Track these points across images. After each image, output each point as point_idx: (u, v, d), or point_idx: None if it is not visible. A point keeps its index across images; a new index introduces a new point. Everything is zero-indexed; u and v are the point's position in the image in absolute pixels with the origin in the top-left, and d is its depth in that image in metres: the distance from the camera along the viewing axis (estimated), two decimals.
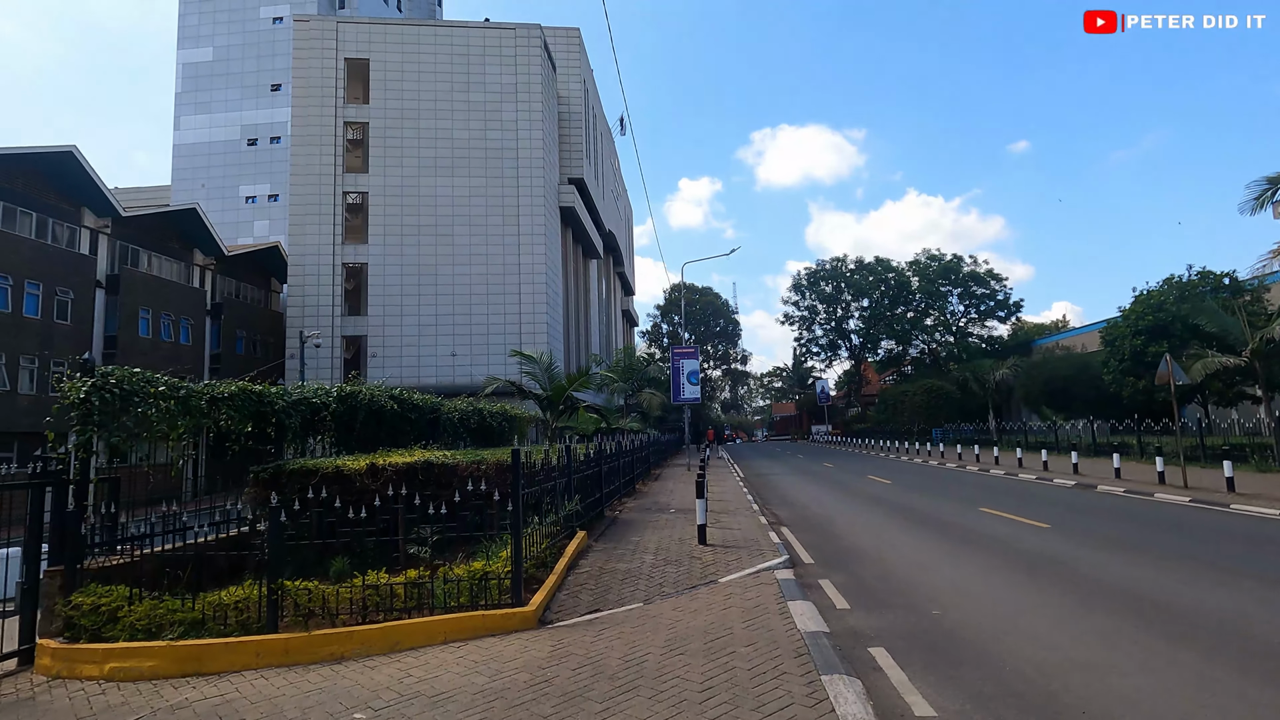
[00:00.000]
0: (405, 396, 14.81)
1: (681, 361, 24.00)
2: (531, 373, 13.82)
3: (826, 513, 12.93)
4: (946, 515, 11.91)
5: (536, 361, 13.87)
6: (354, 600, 6.51)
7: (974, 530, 10.20)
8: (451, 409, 17.80)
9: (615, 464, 13.85)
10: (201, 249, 38.17)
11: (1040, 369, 33.94)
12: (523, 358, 13.98)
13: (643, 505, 14.08)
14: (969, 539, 9.57)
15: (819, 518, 12.28)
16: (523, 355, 14.07)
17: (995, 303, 57.45)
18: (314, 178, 39.44)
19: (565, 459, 9.32)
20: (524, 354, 14.14)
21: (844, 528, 11.06)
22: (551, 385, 13.48)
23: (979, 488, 16.48)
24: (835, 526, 11.22)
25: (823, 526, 11.27)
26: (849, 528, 11.05)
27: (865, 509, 13.36)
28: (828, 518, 12.26)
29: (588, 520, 10.41)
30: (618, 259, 69.44)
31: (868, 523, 11.54)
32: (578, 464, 10.08)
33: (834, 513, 12.93)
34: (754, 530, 10.43)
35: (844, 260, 63.70)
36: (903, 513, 12.51)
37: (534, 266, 40.18)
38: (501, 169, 40.78)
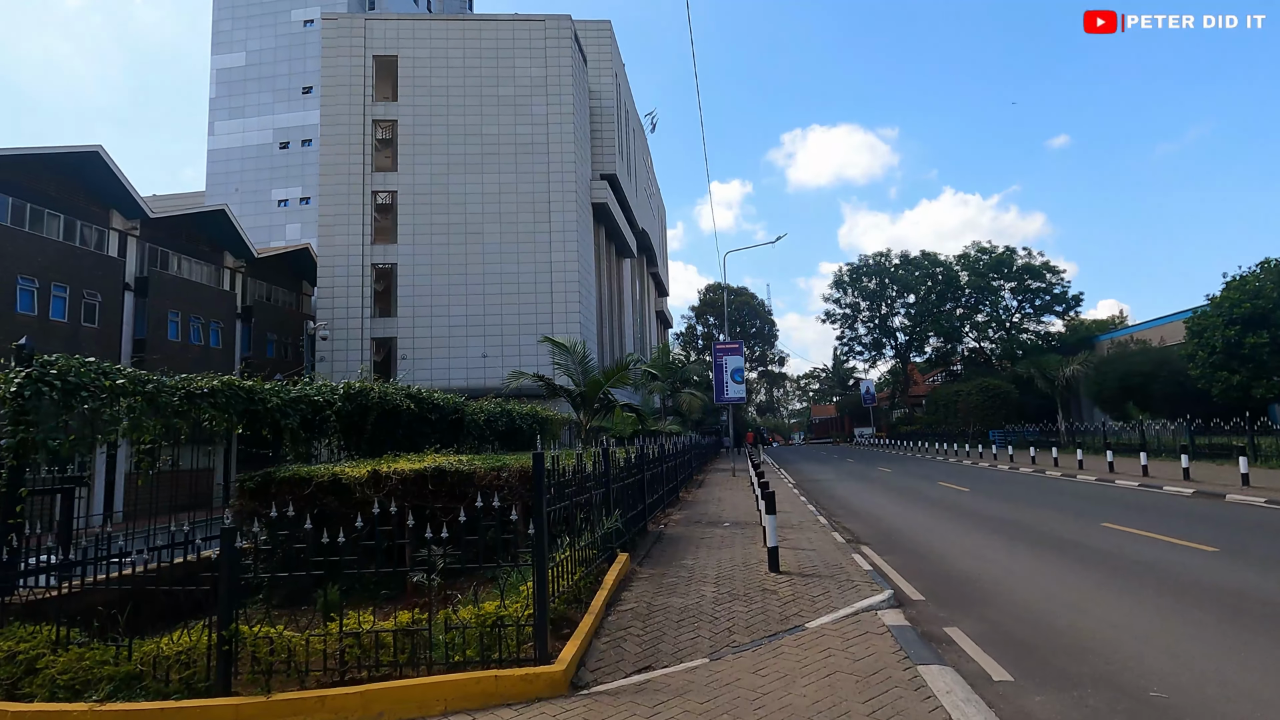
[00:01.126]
0: (424, 395, 13.38)
1: (725, 358, 22.16)
2: (563, 365, 12.24)
3: (908, 527, 11.06)
4: (1061, 531, 9.92)
5: (569, 350, 12.29)
6: (329, 652, 4.95)
7: (1113, 553, 8.20)
8: (476, 410, 16.36)
9: (659, 470, 12.19)
10: (232, 251, 37.72)
11: (1114, 365, 31.21)
12: (554, 346, 12.40)
13: (691, 517, 12.38)
14: (1113, 565, 7.59)
15: (902, 534, 10.43)
16: (554, 343, 12.49)
17: (1051, 297, 54.19)
18: (343, 177, 38.73)
19: (603, 465, 7.70)
20: (555, 341, 12.57)
21: (939, 547, 9.20)
22: (585, 380, 11.89)
23: (1077, 497, 14.33)
24: (927, 545, 9.37)
25: (912, 545, 9.42)
26: (945, 547, 9.18)
27: (952, 522, 11.43)
28: (912, 533, 10.40)
29: (629, 537, 8.78)
30: (651, 259, 67.84)
31: (965, 541, 9.65)
32: (617, 470, 8.46)
33: (917, 527, 11.05)
34: (830, 550, 8.65)
35: (888, 255, 61.05)
36: (1002, 528, 10.55)
37: (566, 264, 38.81)
38: (532, 165, 39.54)
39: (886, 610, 5.81)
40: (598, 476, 7.41)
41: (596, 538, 6.88)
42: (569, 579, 6.04)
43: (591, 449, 10.06)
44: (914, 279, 58.50)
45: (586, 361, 12.44)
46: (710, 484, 20.22)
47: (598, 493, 7.39)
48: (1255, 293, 24.66)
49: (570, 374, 12.26)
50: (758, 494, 11.08)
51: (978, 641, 5.05)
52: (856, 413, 75.23)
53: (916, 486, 17.89)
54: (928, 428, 48.81)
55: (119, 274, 29.10)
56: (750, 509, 13.40)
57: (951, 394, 46.22)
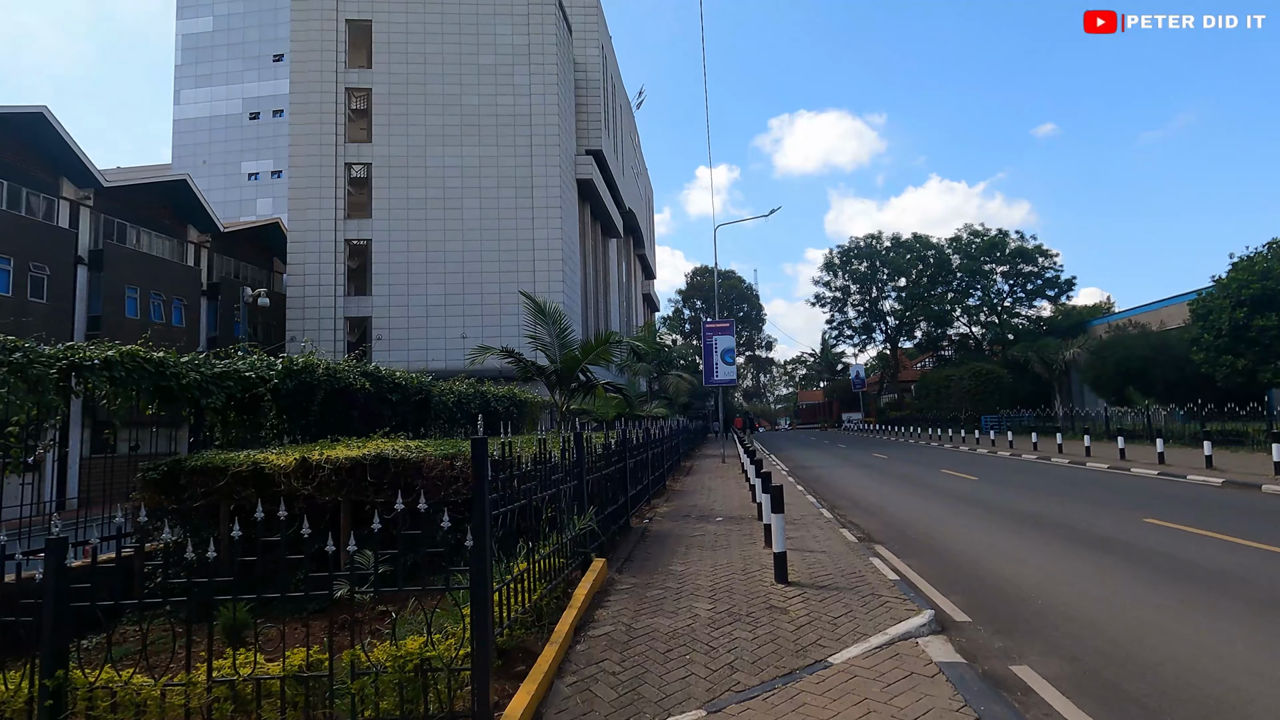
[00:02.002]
0: (383, 374, 12.03)
1: (715, 338, 20.83)
2: (538, 337, 10.84)
3: (922, 522, 9.90)
4: (1100, 528, 8.78)
5: (545, 314, 10.92)
6: (194, 707, 3.67)
7: (1176, 557, 6.99)
8: (445, 391, 15.02)
9: (643, 457, 10.96)
10: (196, 225, 35.83)
11: (1112, 349, 30.31)
12: (531, 309, 10.99)
13: (679, 510, 11.16)
14: (1186, 573, 6.34)
15: (918, 530, 9.26)
16: (531, 301, 11.08)
17: (1043, 281, 53.40)
18: (314, 148, 36.85)
19: (574, 452, 6.43)
20: (532, 299, 11.15)
21: (965, 547, 8.02)
22: (562, 355, 10.52)
23: (1098, 486, 13.22)
24: (951, 545, 8.20)
25: (933, 545, 8.25)
26: (972, 547, 8.01)
27: (970, 516, 10.29)
28: (929, 530, 9.23)
29: (608, 537, 7.55)
30: (638, 240, 66.30)
31: (993, 539, 8.48)
32: (593, 459, 7.20)
33: (932, 522, 9.89)
34: (843, 553, 7.46)
35: (879, 237, 59.90)
36: (1030, 523, 9.41)
37: (549, 242, 37.29)
38: (514, 138, 37.85)
39: (930, 638, 4.61)
40: (567, 467, 6.14)
41: (565, 542, 5.62)
42: (528, 597, 4.77)
43: (559, 433, 8.79)
44: (905, 262, 57.49)
45: (566, 335, 11.10)
46: (699, 471, 19.03)
47: (567, 486, 6.13)
48: (1264, 273, 23.73)
49: (546, 349, 10.88)
50: (755, 484, 9.87)
51: (1064, 689, 3.84)
52: (844, 398, 74.54)
53: (918, 475, 16.79)
54: (918, 413, 48.01)
55: (70, 246, 27.25)
56: (744, 500, 12.22)
57: (943, 379, 45.35)
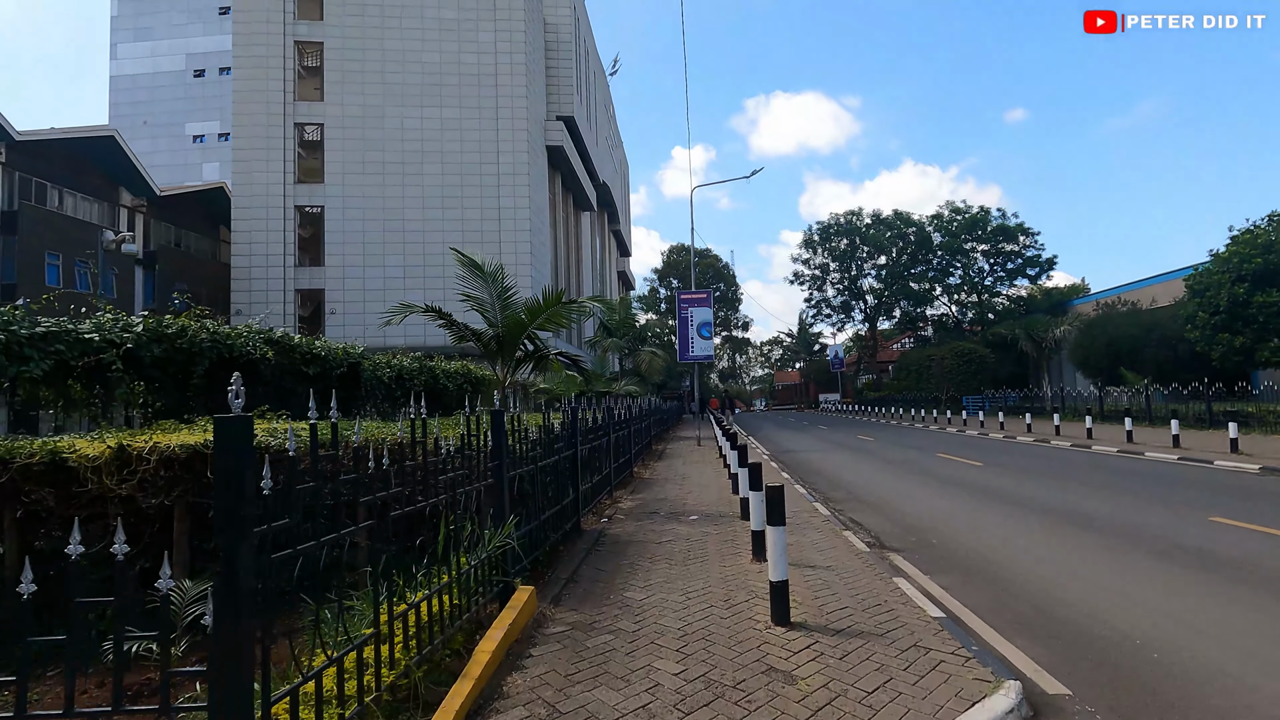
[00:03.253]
0: (295, 341, 10.01)
1: (691, 309, 18.98)
2: (474, 297, 8.88)
3: (943, 521, 8.17)
4: (1164, 529, 7.15)
5: (484, 272, 8.98)
6: None
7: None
8: (381, 364, 13.02)
9: (602, 442, 9.20)
10: (129, 188, 32.98)
11: (1101, 327, 29.19)
12: (464, 261, 8.98)
13: (646, 505, 9.42)
14: None
15: (939, 533, 7.51)
16: (462, 258, 9.04)
17: (1024, 260, 52.51)
18: (261, 106, 34.01)
19: (489, 439, 4.59)
20: (464, 256, 9.10)
21: (1010, 558, 6.26)
22: (504, 318, 8.56)
23: (1127, 475, 11.45)
24: (989, 555, 6.45)
25: (967, 555, 6.50)
26: (1018, 559, 6.23)
27: (995, 512, 8.61)
28: (951, 532, 7.53)
29: (550, 547, 5.80)
30: (613, 215, 64.01)
31: (1038, 546, 6.67)
32: (525, 449, 5.39)
33: (951, 520, 8.18)
34: (856, 568, 5.77)
35: (859, 214, 58.42)
36: (1073, 523, 7.73)
37: (516, 210, 35.04)
38: (478, 99, 35.37)
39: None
40: (471, 459, 4.31)
41: (464, 572, 3.83)
42: (386, 670, 2.97)
43: (476, 415, 6.94)
44: (885, 239, 56.17)
45: (509, 295, 9.16)
46: (672, 456, 17.34)
47: (473, 488, 4.31)
48: (1266, 247, 22.58)
49: (484, 309, 8.92)
50: (738, 474, 8.17)
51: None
52: (821, 378, 73.58)
53: (914, 459, 15.24)
54: (897, 394, 46.95)
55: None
56: (723, 491, 10.55)
57: (923, 358, 44.22)
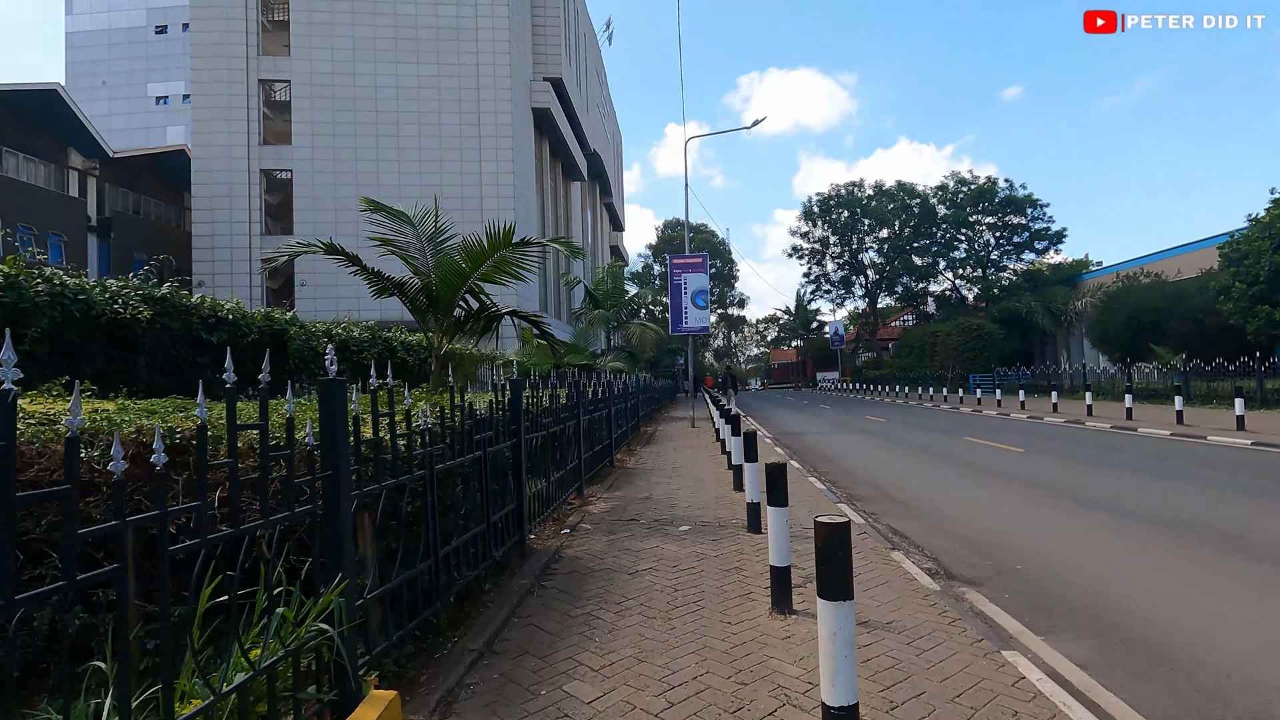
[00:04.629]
0: (188, 302, 8.01)
1: (685, 276, 16.81)
2: (391, 242, 6.77)
3: (1018, 533, 6.16)
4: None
5: (405, 217, 6.92)
6: None
7: None
8: (316, 334, 11.00)
9: (568, 427, 7.28)
10: (80, 149, 30.54)
11: (1123, 300, 27.33)
12: (376, 209, 6.90)
13: (625, 505, 7.53)
14: None
15: (1030, 556, 5.46)
16: (372, 202, 6.97)
17: (1031, 233, 50.53)
18: (222, 60, 31.54)
19: (330, 434, 2.62)
20: (374, 201, 7.01)
21: (1165, 607, 4.03)
22: (437, 269, 6.46)
23: (1210, 465, 9.42)
24: (1125, 600, 4.35)
25: (1095, 601, 4.39)
26: (1185, 613, 4.11)
27: (1089, 522, 6.33)
28: (1045, 554, 5.49)
29: (452, 597, 3.90)
30: (605, 188, 61.50)
31: (1190, 583, 4.58)
32: (422, 444, 3.45)
33: (1038, 536, 6.08)
34: (933, 629, 3.83)
35: (861, 185, 56.18)
36: (1199, 537, 5.74)
37: (499, 176, 32.78)
38: (458, 53, 32.92)
39: None
40: (283, 467, 2.36)
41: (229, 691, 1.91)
42: None
43: (439, 391, 5.00)
44: (888, 212, 54.03)
45: (444, 239, 7.09)
46: (663, 439, 15.45)
47: (284, 521, 2.36)
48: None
49: (407, 255, 6.82)
50: (747, 474, 6.24)
51: None
52: (819, 356, 71.75)
53: (940, 445, 13.34)
54: (900, 372, 45.18)
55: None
56: (721, 485, 8.67)
57: (927, 335, 42.39)
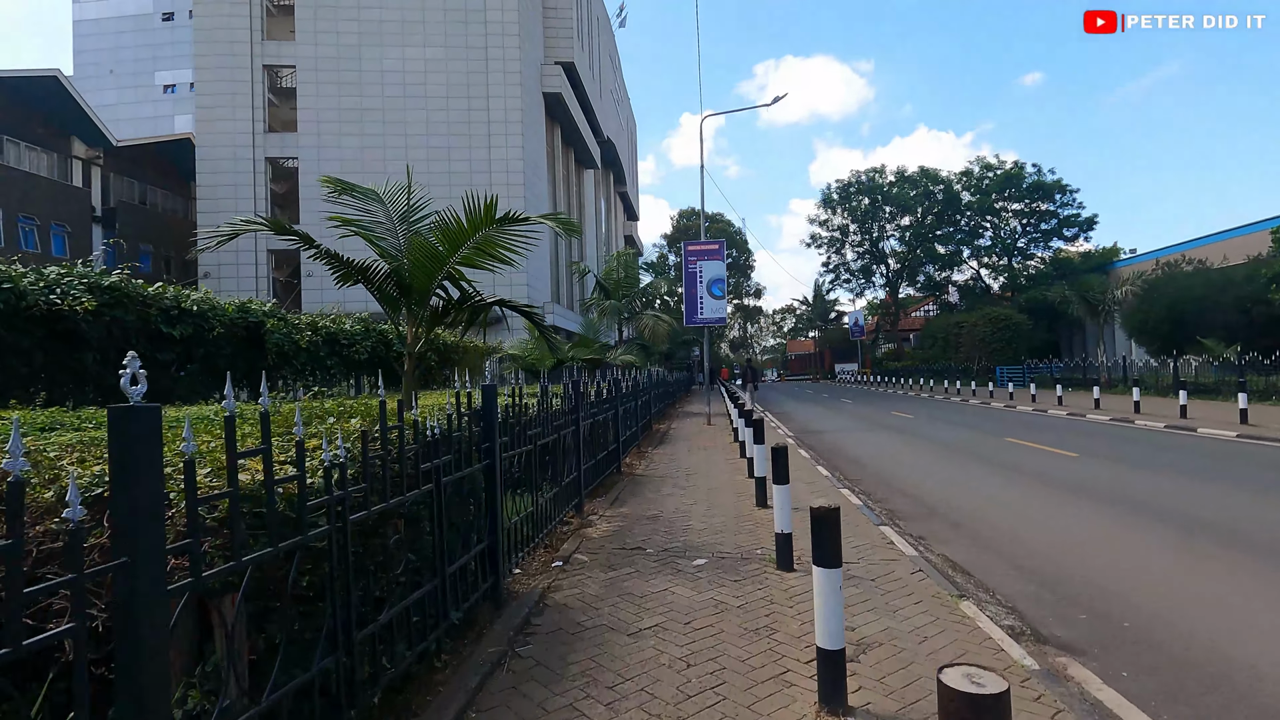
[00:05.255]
0: (147, 292, 7.17)
1: (700, 264, 15.70)
2: (351, 220, 5.81)
3: (1110, 568, 5.04)
4: None
5: (374, 195, 5.98)
6: None
7: None
8: (298, 325, 10.14)
9: (565, 435, 6.35)
10: (83, 138, 30.00)
11: (1163, 288, 25.86)
12: (335, 185, 5.99)
13: (630, 529, 6.56)
14: None
15: (1138, 605, 4.27)
16: (331, 179, 6.06)
17: (1059, 220, 48.72)
18: (225, 45, 30.84)
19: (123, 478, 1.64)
20: (334, 179, 6.11)
21: None
22: (409, 252, 5.45)
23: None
24: (1257, 664, 3.41)
25: (1260, 687, 3.29)
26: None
27: (1198, 555, 5.34)
28: (1160, 601, 4.30)
29: (376, 698, 2.96)
30: (619, 176, 60.34)
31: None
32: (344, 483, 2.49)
33: (1138, 573, 4.90)
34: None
35: (882, 171, 54.55)
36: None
37: (509, 162, 31.85)
38: (466, 37, 31.95)
39: None
40: None
41: None
42: None
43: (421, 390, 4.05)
44: (910, 198, 52.38)
45: (418, 219, 6.15)
46: (676, 439, 14.47)
47: None
48: None
49: (371, 236, 5.83)
50: (780, 497, 5.23)
51: None
52: (838, 347, 70.33)
53: (978, 445, 12.20)
54: (923, 364, 43.79)
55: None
56: (742, 498, 7.69)
57: (951, 326, 40.95)
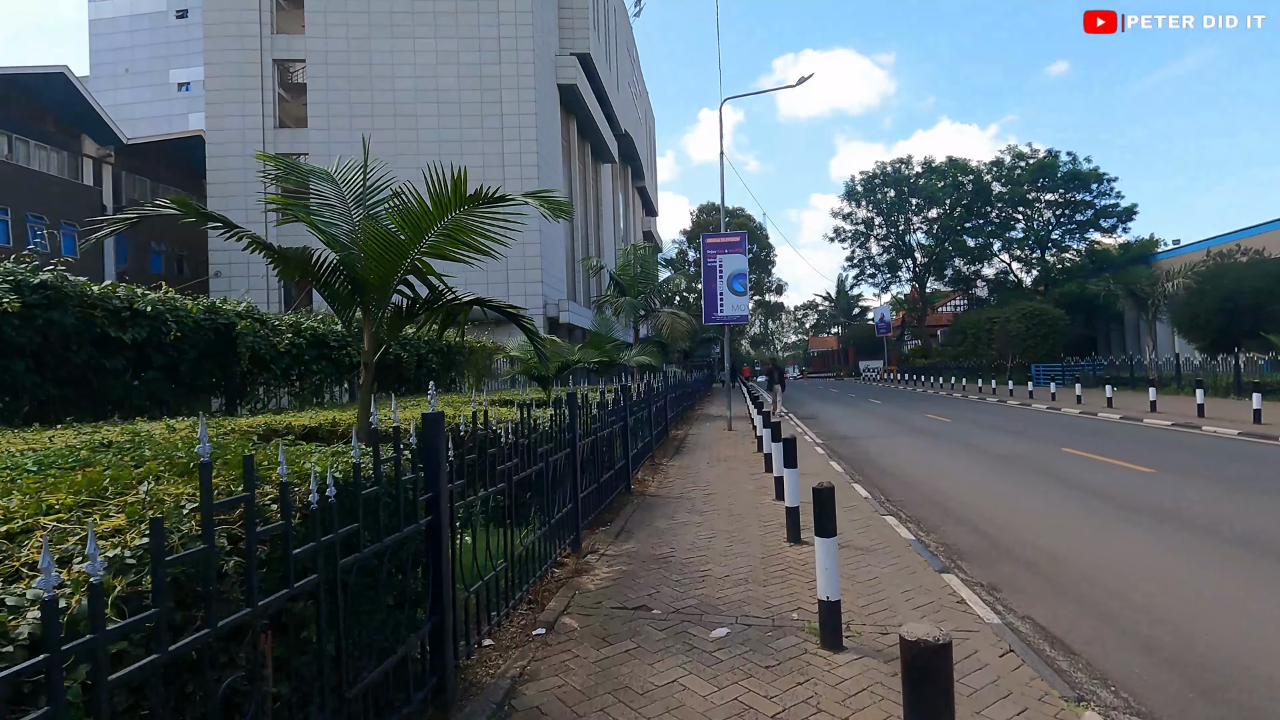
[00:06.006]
0: (87, 291, 6.37)
1: (721, 257, 14.53)
2: (294, 203, 4.90)
3: (1257, 642, 3.79)
4: None
5: (323, 174, 5.09)
6: None
7: None
8: (278, 327, 9.31)
9: (551, 464, 5.35)
10: (93, 136, 29.63)
11: (1218, 279, 24.17)
12: (272, 161, 5.09)
13: (634, 576, 5.48)
14: None
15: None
16: (266, 155, 5.14)
17: (1095, 211, 46.66)
18: (234, 40, 30.30)
19: None
20: (276, 158, 5.20)
21: None
22: (364, 240, 4.48)
23: None
24: None
25: None
26: None
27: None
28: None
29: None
30: (637, 171, 59.23)
31: None
32: None
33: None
34: None
35: (909, 162, 52.81)
36: None
37: (522, 156, 30.94)
38: (478, 28, 31.10)
39: None
40: None
41: None
42: None
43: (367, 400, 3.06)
44: (938, 190, 50.61)
45: (376, 201, 5.21)
46: (694, 448, 13.40)
47: None
48: None
49: (321, 225, 4.87)
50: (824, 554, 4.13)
51: None
52: (862, 344, 68.67)
53: (1030, 457, 10.91)
54: (953, 361, 42.20)
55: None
56: (768, 528, 6.62)
57: (983, 321, 39.29)
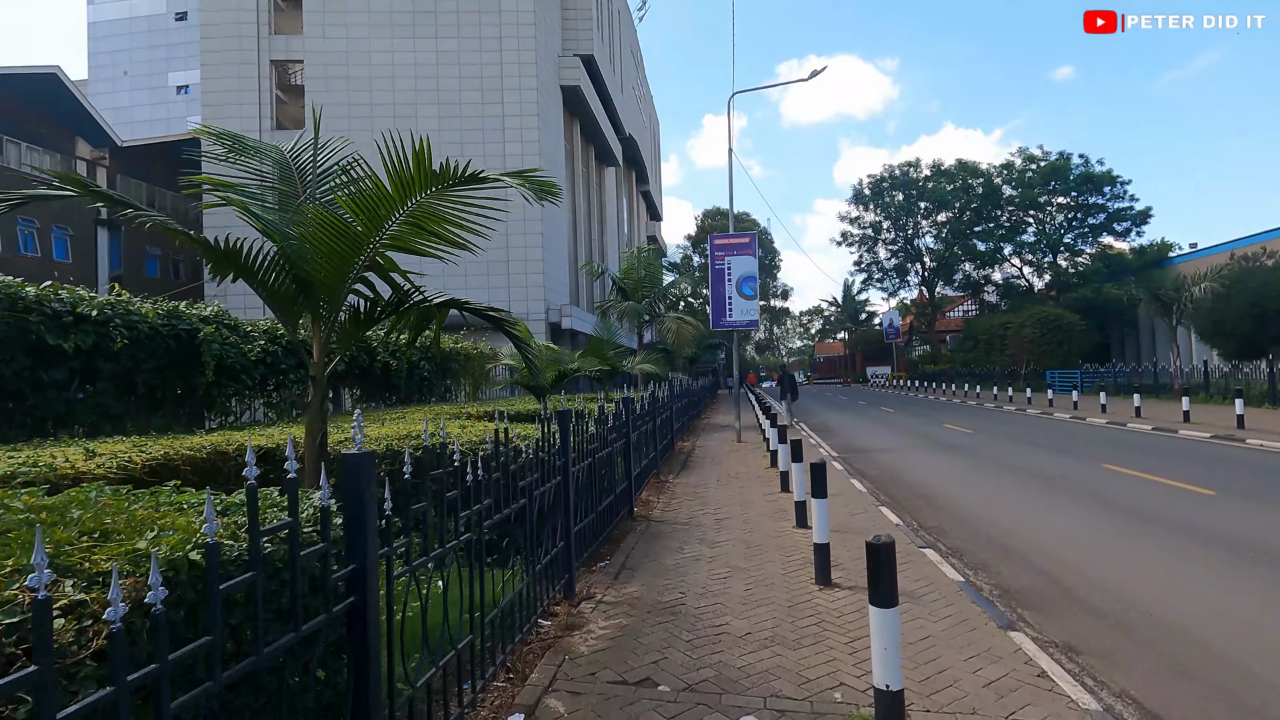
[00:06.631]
0: (16, 289, 5.59)
1: (729, 259, 13.71)
2: (225, 185, 4.16)
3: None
4: None
5: (266, 151, 4.36)
6: None
7: None
8: (250, 334, 8.54)
9: (538, 497, 4.59)
10: (88, 138, 29.14)
11: (1243, 284, 23.29)
12: (212, 135, 4.39)
13: (636, 629, 4.67)
14: None
15: None
16: (211, 133, 4.41)
17: (1108, 214, 45.76)
18: (232, 40, 29.75)
19: None
20: (210, 130, 4.47)
21: None
22: (312, 230, 3.78)
23: None
24: None
25: None
26: None
27: None
28: None
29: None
30: (641, 175, 58.54)
31: None
32: None
33: None
34: None
35: (917, 165, 52.01)
36: None
37: (524, 159, 30.26)
38: (479, 28, 30.51)
39: None
40: None
41: None
42: None
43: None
44: (947, 193, 49.77)
45: (330, 184, 4.44)
46: (701, 463, 12.60)
47: None
48: None
49: (258, 213, 4.10)
50: (880, 635, 3.31)
51: None
52: (869, 350, 67.79)
53: (1071, 475, 9.90)
54: (964, 367, 41.29)
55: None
56: (791, 562, 5.81)
57: (995, 326, 38.42)
